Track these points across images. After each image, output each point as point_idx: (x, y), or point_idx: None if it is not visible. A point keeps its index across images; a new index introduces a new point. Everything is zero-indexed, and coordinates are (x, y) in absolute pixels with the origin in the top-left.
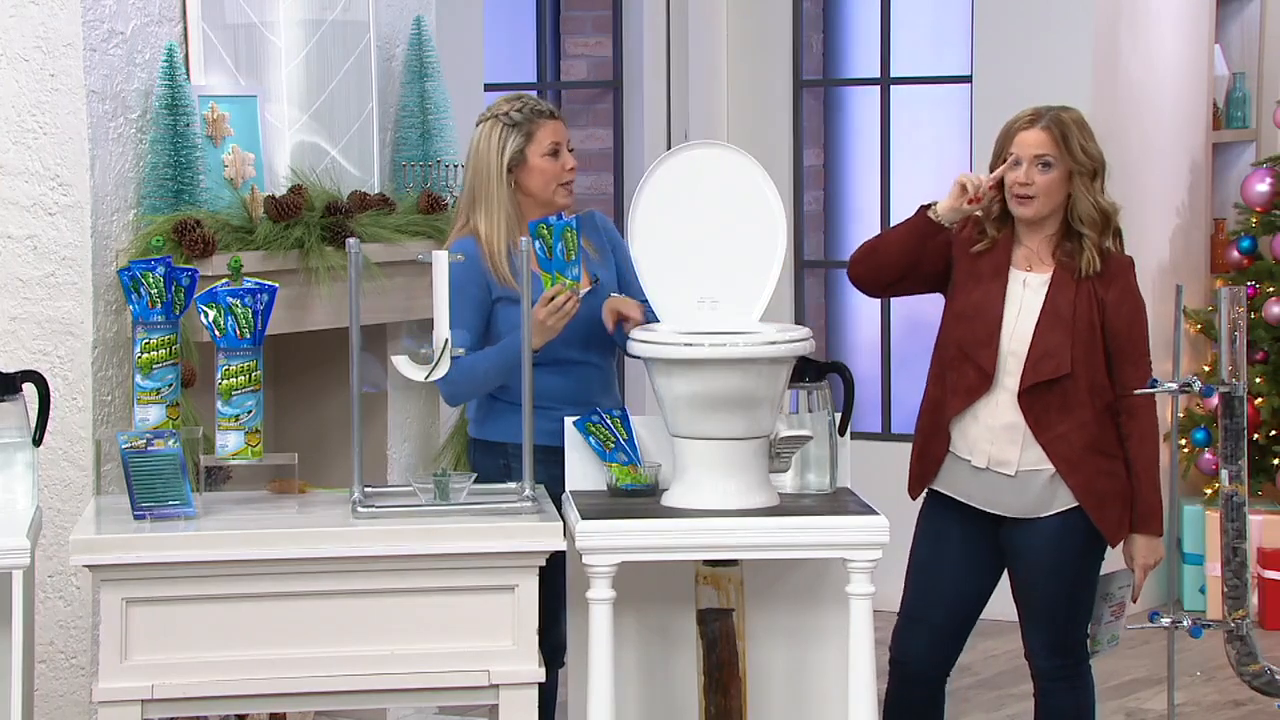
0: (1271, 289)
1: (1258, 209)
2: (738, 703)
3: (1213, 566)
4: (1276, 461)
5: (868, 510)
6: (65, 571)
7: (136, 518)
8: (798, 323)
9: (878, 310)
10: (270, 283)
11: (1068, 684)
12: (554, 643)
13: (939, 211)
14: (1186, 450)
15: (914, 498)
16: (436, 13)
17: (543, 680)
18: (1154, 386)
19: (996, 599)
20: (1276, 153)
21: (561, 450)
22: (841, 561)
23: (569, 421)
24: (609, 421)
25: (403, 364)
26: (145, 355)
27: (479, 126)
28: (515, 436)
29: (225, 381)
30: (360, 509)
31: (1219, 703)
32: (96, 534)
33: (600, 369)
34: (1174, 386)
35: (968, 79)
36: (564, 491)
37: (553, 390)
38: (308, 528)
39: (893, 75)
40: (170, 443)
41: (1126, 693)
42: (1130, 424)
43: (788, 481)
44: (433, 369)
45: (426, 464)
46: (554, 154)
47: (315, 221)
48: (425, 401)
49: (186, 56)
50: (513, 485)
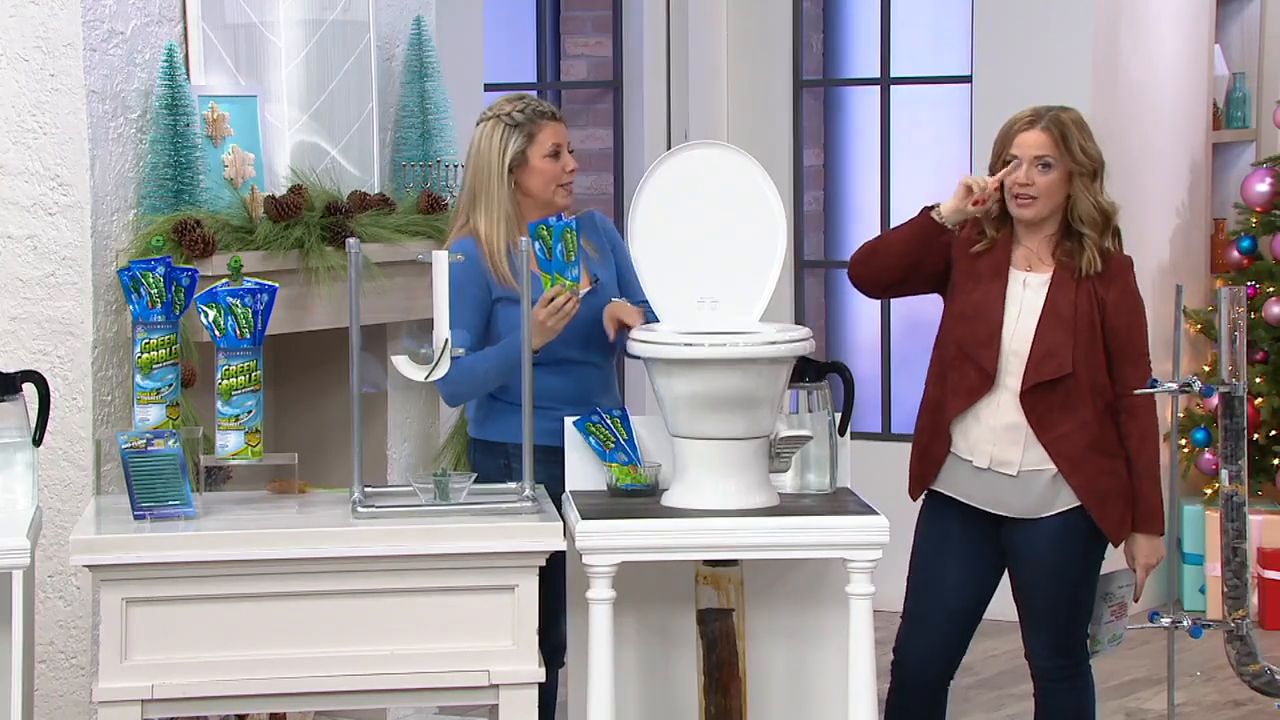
0: (1271, 289)
1: (1258, 209)
2: (738, 703)
3: (1213, 566)
4: (1276, 461)
5: (868, 510)
6: (65, 571)
7: (136, 518)
8: (798, 323)
9: (878, 310)
10: (270, 283)
11: (1068, 684)
12: (554, 643)
13: (943, 213)
14: (1186, 450)
15: (914, 498)
16: (436, 13)
17: (543, 680)
18: (1154, 386)
19: (996, 599)
20: (1276, 153)
21: (561, 450)
22: (841, 561)
23: (569, 421)
24: (609, 421)
25: (403, 364)
26: (145, 355)
27: (480, 126)
28: (515, 436)
29: (225, 381)
30: (360, 509)
31: (1219, 703)
32: (96, 534)
33: (600, 369)
34: (1174, 386)
35: (968, 79)
36: (564, 491)
37: (553, 390)
38: (308, 528)
39: (893, 75)
40: (170, 443)
41: (1126, 693)
42: (1130, 423)
43: (788, 481)
44: (433, 369)
45: (426, 464)
46: (555, 155)
47: (315, 221)
48: (425, 401)
49: (186, 56)
50: (513, 485)
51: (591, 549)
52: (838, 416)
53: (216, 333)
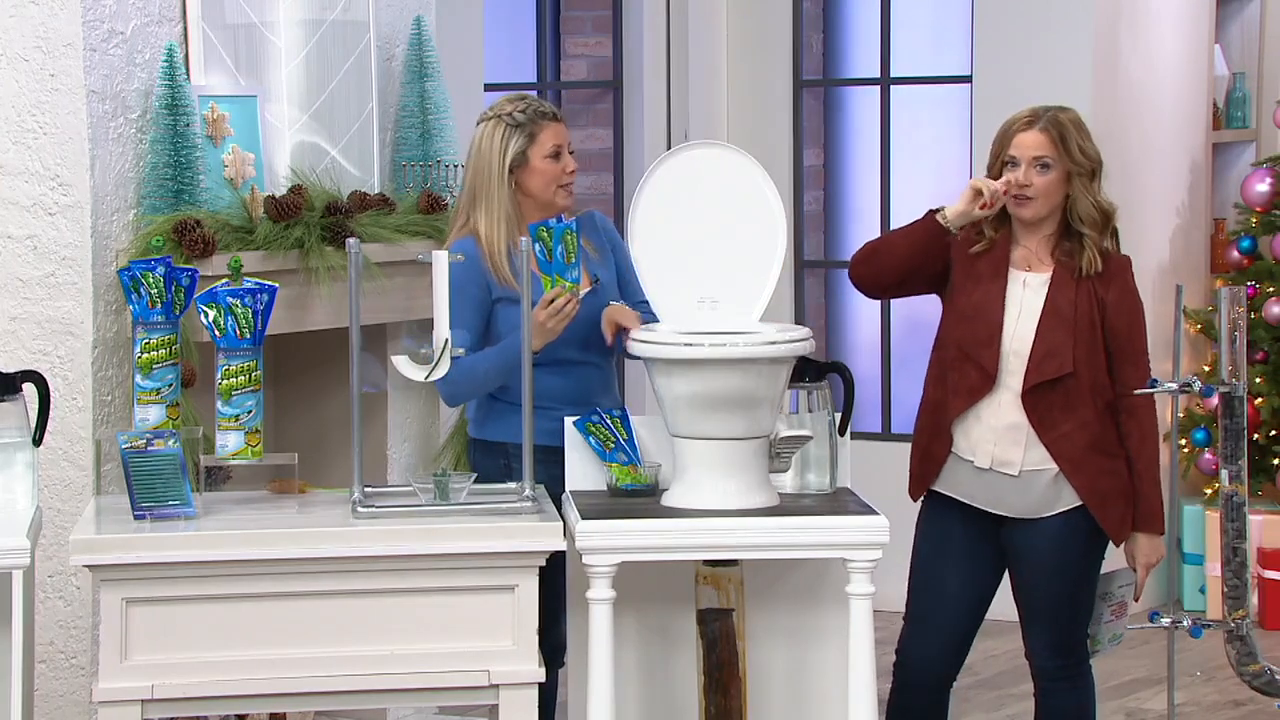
0: (1271, 289)
1: (1258, 209)
2: (738, 703)
3: (1213, 566)
4: (1276, 461)
5: (868, 510)
6: (65, 571)
7: (136, 518)
8: (798, 323)
9: (878, 310)
10: (270, 283)
11: (1069, 684)
12: (554, 643)
13: (949, 216)
14: (1186, 450)
15: (915, 499)
16: (436, 13)
17: (543, 680)
18: (1154, 386)
19: (996, 599)
20: (1276, 153)
21: (561, 450)
22: (841, 561)
23: (569, 421)
24: (609, 421)
25: (403, 364)
26: (145, 355)
27: (481, 126)
28: (515, 436)
29: (225, 381)
30: (360, 509)
31: (1219, 703)
32: (96, 534)
33: (600, 369)
34: (1174, 386)
35: (968, 79)
36: (564, 491)
37: (553, 390)
38: (308, 528)
39: (893, 75)
40: (170, 443)
41: (1126, 693)
42: (1130, 423)
43: (788, 481)
44: (433, 369)
45: (426, 464)
46: (555, 156)
47: (315, 221)
48: (425, 401)
49: (186, 56)
50: (513, 485)
51: (591, 549)
52: (838, 416)
53: (216, 333)
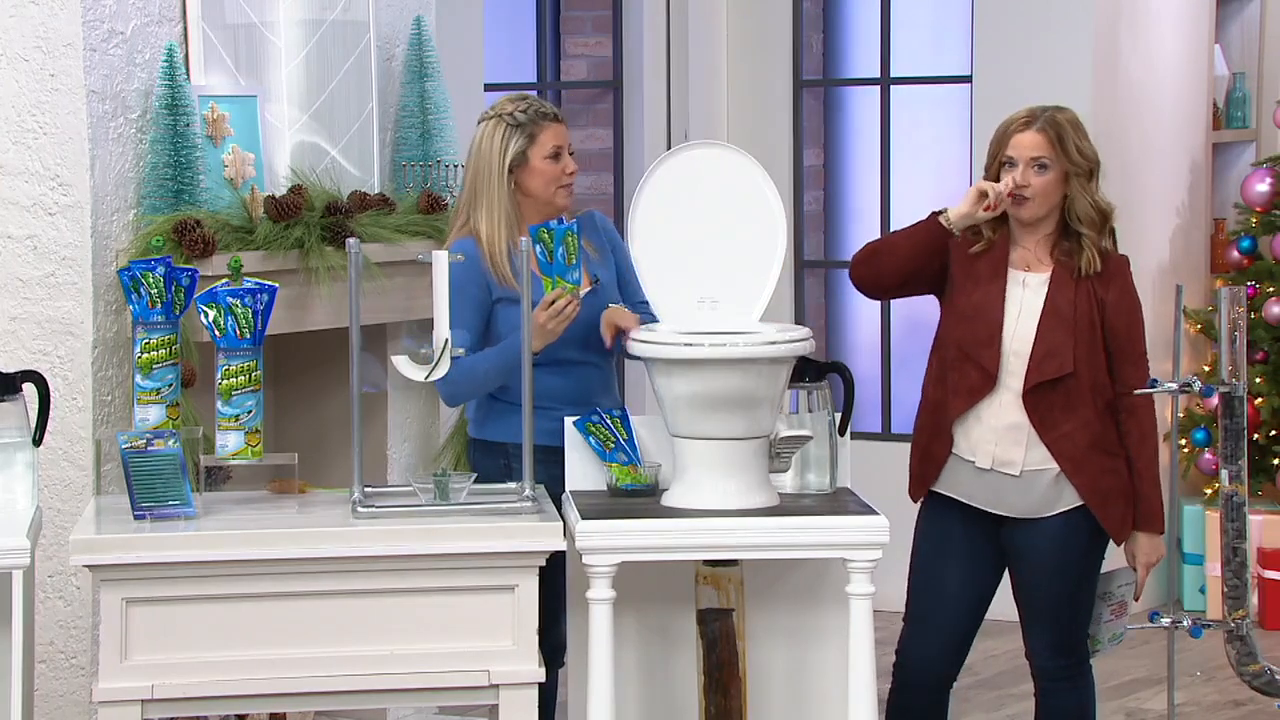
0: (1271, 289)
1: (1258, 209)
2: (738, 703)
3: (1213, 566)
4: (1276, 461)
5: (868, 510)
6: (65, 571)
7: (136, 518)
8: (798, 323)
9: (878, 310)
10: (270, 283)
11: (1069, 684)
12: (554, 643)
13: (951, 218)
14: (1186, 450)
15: (915, 499)
16: (436, 13)
17: (543, 680)
18: (1154, 386)
19: (996, 599)
20: (1276, 153)
21: (561, 450)
22: (841, 561)
23: (569, 421)
24: (609, 421)
25: (403, 364)
26: (145, 355)
27: (481, 125)
28: (515, 436)
29: (225, 381)
30: (360, 509)
31: (1219, 703)
32: (96, 534)
33: (600, 369)
34: (1174, 386)
35: (968, 79)
36: (564, 491)
37: (553, 390)
38: (308, 528)
39: (893, 75)
40: (170, 443)
41: (1126, 693)
42: (1130, 422)
43: (788, 481)
44: (433, 369)
45: (426, 464)
46: (555, 157)
47: (315, 221)
48: (425, 401)
49: (186, 56)
50: (513, 485)
51: (591, 549)
52: (838, 416)
53: (216, 333)
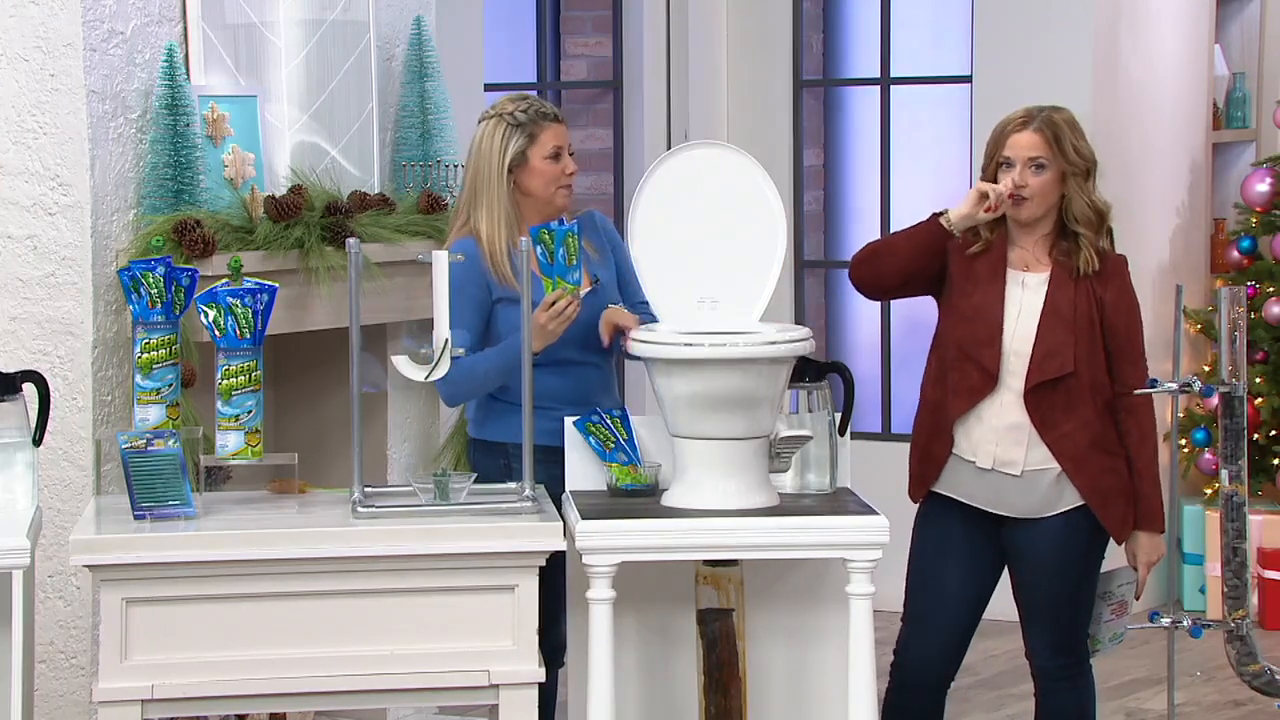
0: (1271, 289)
1: (1258, 209)
2: (738, 703)
3: (1213, 566)
4: (1276, 461)
5: (868, 510)
6: (65, 571)
7: (136, 518)
8: (798, 323)
9: (878, 310)
10: (270, 283)
11: (1069, 683)
12: (554, 643)
13: (952, 219)
14: (1186, 450)
15: (915, 500)
16: (436, 13)
17: (543, 680)
18: (1154, 386)
19: (997, 599)
20: (1276, 153)
21: (561, 450)
22: (841, 561)
23: (569, 421)
24: (609, 421)
25: (403, 364)
26: (145, 355)
27: (482, 124)
28: (515, 436)
29: (225, 381)
30: (360, 509)
31: (1219, 703)
32: (96, 534)
33: (600, 369)
34: (1174, 386)
35: (968, 79)
36: (564, 491)
37: (552, 390)
38: (308, 528)
39: (893, 75)
40: (170, 443)
41: (1126, 693)
42: (1130, 422)
43: (788, 481)
44: (433, 369)
45: (426, 464)
46: (555, 157)
47: (315, 221)
48: (425, 401)
49: (186, 56)
50: (513, 485)
51: (591, 549)
52: (838, 416)
53: (216, 333)
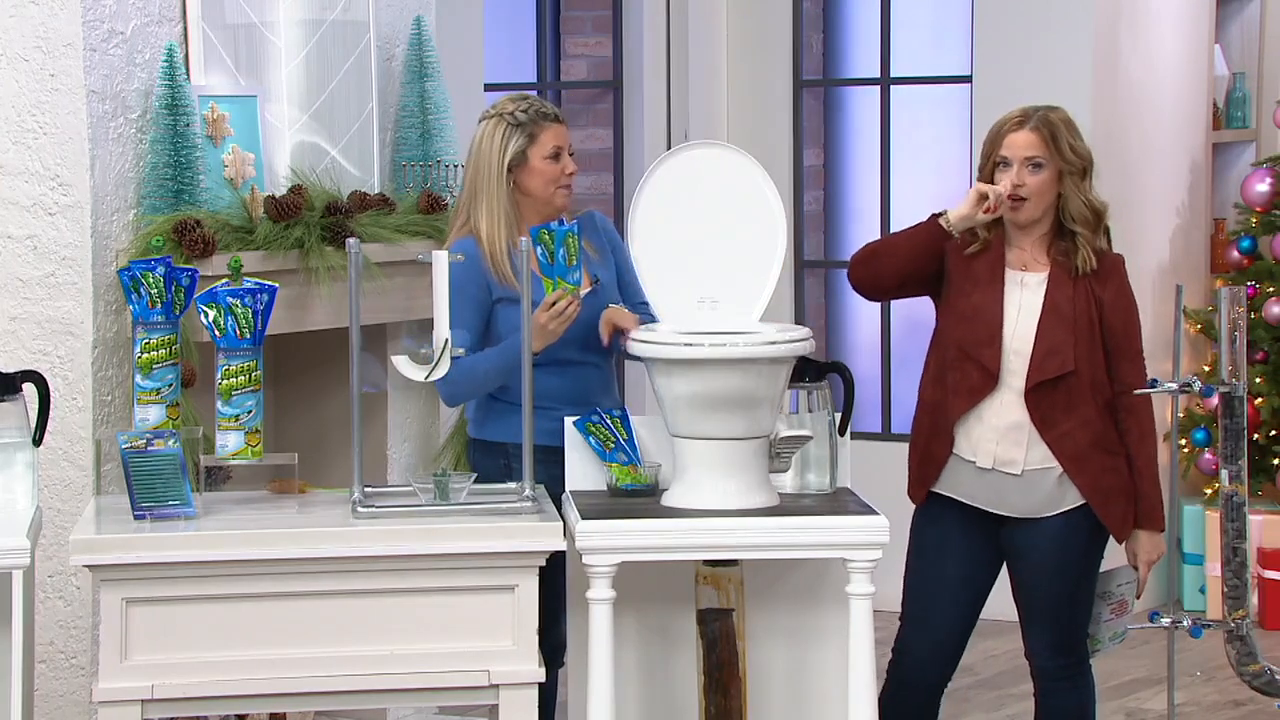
0: (1271, 289)
1: (1258, 209)
2: (738, 703)
3: (1213, 566)
4: (1276, 461)
5: (868, 510)
6: (65, 571)
7: (136, 518)
8: (798, 323)
9: (878, 310)
10: (270, 283)
11: (1069, 683)
12: (554, 643)
13: (951, 220)
14: (1186, 450)
15: (915, 500)
16: (436, 13)
17: (543, 680)
18: (1154, 386)
19: (997, 599)
20: (1276, 153)
21: (561, 450)
22: (841, 561)
23: (569, 421)
24: (609, 421)
25: (403, 364)
26: (145, 355)
27: (482, 124)
28: (515, 436)
29: (225, 381)
30: (360, 509)
31: (1219, 703)
32: (96, 534)
33: (600, 369)
34: (1174, 386)
35: (968, 79)
36: (564, 491)
37: (552, 390)
38: (308, 528)
39: (893, 75)
40: (170, 443)
41: (1126, 693)
42: (1130, 420)
43: (788, 481)
44: (433, 369)
45: (426, 464)
46: (555, 157)
47: (315, 221)
48: (425, 401)
49: (186, 56)
50: (513, 485)
51: (591, 549)
52: (838, 416)
53: (216, 333)
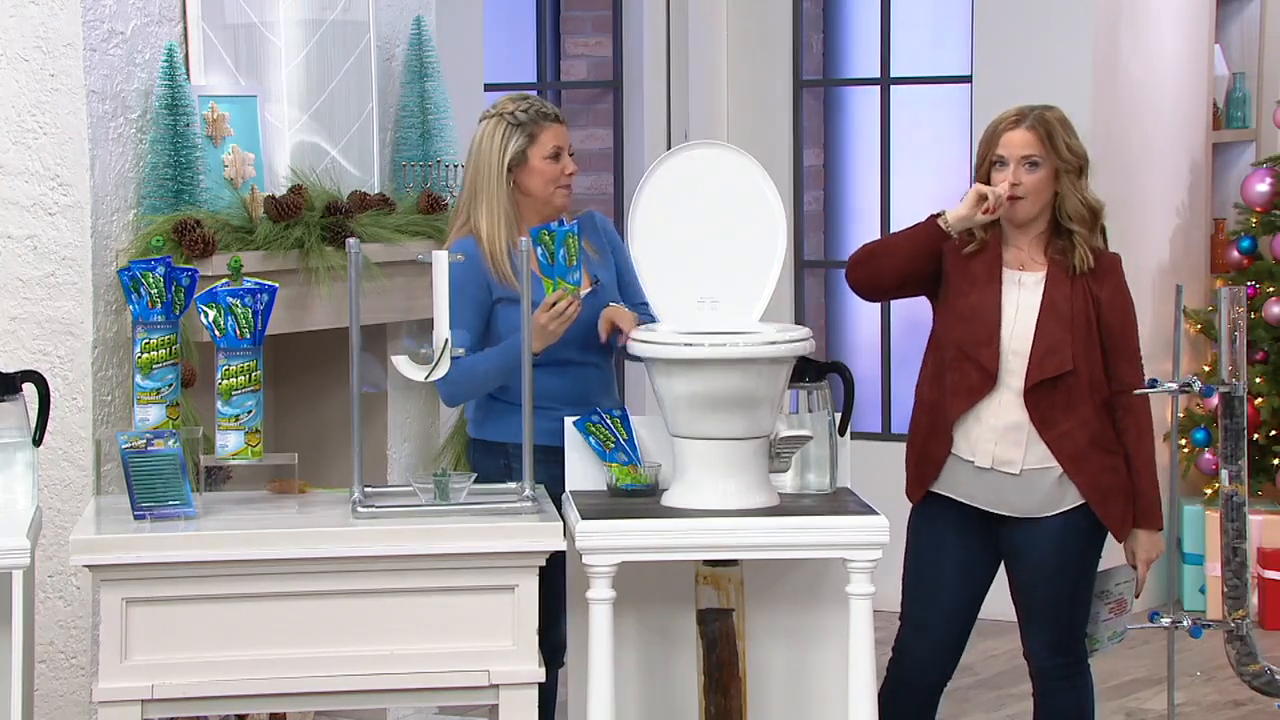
0: (1271, 289)
1: (1258, 209)
2: (738, 703)
3: (1213, 566)
4: (1276, 461)
5: (868, 510)
6: (65, 571)
7: (136, 518)
8: (798, 323)
9: (878, 310)
10: (270, 283)
11: (1069, 683)
12: (554, 643)
13: (950, 220)
14: (1186, 450)
15: (914, 501)
16: (436, 13)
17: (543, 680)
18: (1154, 386)
19: (996, 599)
20: (1276, 153)
21: (561, 450)
22: (841, 561)
23: (569, 421)
24: (609, 421)
25: (403, 364)
26: (145, 355)
27: (482, 124)
28: (515, 436)
29: (225, 381)
30: (360, 509)
31: (1219, 703)
32: (96, 534)
33: (600, 369)
34: (1174, 386)
35: (968, 79)
36: (564, 491)
37: (552, 390)
38: (308, 528)
39: (893, 75)
40: (170, 443)
41: (1126, 693)
42: (1128, 419)
43: (788, 481)
44: (433, 369)
45: (426, 464)
46: (555, 158)
47: (315, 221)
48: (425, 401)
49: (186, 56)
50: (513, 485)
51: (591, 549)
52: (838, 416)
53: (216, 333)
